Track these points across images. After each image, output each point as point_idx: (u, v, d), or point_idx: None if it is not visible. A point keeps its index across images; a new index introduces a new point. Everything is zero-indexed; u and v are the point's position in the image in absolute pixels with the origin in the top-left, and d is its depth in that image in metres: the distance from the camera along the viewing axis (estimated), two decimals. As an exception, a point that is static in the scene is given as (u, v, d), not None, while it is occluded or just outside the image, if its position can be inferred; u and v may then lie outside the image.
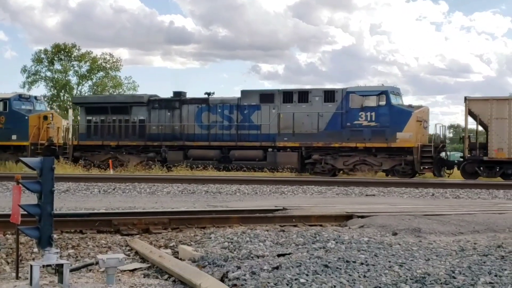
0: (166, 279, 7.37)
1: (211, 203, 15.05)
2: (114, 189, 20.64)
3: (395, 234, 9.34)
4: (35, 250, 7.76)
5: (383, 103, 28.93)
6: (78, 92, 65.53)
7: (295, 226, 10.79)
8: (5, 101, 37.32)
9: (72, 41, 73.96)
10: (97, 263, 7.29)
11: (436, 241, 8.67)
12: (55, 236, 7.26)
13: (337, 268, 7.21)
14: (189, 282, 6.87)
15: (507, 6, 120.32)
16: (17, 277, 7.44)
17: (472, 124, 29.55)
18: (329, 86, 31.38)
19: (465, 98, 28.32)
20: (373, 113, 28.96)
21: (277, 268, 7.31)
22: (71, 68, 69.62)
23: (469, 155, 28.38)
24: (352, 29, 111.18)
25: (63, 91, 66.89)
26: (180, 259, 8.21)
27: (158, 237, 9.88)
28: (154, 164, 32.93)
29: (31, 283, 6.64)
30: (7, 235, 9.33)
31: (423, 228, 9.66)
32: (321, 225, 10.84)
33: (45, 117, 38.22)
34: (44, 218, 6.85)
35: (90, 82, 69.60)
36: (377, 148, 28.84)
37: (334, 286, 6.50)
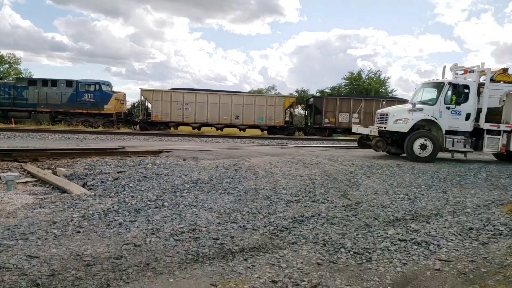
0: (48, 187, 6.83)
1: (80, 145, 13.83)
2: (14, 136, 17.87)
3: (184, 159, 9.63)
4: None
5: (97, 88, 28.02)
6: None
7: (129, 157, 10.48)
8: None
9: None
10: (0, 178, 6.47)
11: (205, 163, 9.09)
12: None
13: (151, 177, 7.33)
14: (63, 188, 6.52)
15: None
16: None
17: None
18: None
19: (140, 89, 29.49)
20: (91, 94, 27.99)
21: (117, 179, 7.24)
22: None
23: (141, 118, 28.93)
24: (165, 51, 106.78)
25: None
26: (57, 175, 7.57)
27: (44, 164, 9.02)
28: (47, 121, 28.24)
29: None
30: None
31: (199, 157, 10.05)
32: (145, 156, 10.65)
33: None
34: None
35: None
36: (95, 113, 27.93)
37: (150, 186, 6.57)
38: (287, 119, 28.79)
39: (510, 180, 8.81)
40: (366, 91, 41.29)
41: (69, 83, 28.01)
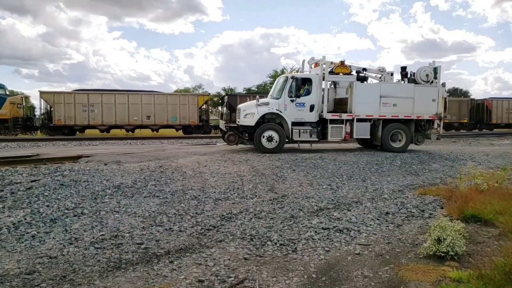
0: None
1: (-17, 153, 12.43)
2: None
3: (106, 164, 9.19)
4: None
5: None
6: None
7: (44, 164, 9.70)
8: None
9: None
10: None
11: (128, 166, 8.76)
12: None
13: (69, 185, 6.88)
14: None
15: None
16: None
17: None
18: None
19: (39, 92, 25.79)
20: None
21: (30, 188, 6.67)
22: None
23: (42, 123, 25.98)
24: (82, 51, 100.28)
25: None
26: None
27: None
28: None
29: None
30: None
31: (122, 160, 9.67)
32: (62, 163, 9.92)
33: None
34: None
35: None
36: None
37: (68, 194, 6.18)
38: (202, 117, 28.88)
39: (421, 166, 9.72)
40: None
41: None
